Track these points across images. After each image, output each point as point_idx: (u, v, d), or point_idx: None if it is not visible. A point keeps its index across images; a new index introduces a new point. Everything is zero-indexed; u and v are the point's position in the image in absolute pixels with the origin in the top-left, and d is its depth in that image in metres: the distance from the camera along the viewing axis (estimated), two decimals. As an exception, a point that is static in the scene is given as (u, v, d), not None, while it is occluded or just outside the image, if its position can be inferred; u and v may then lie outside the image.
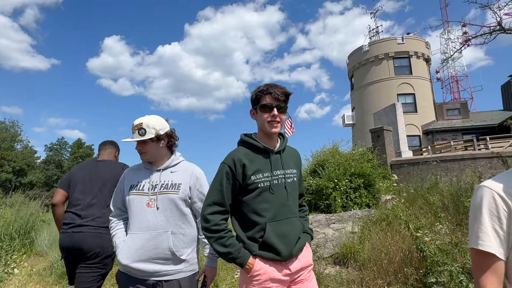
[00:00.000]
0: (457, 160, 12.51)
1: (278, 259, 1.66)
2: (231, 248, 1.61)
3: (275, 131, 1.74)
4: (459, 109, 25.83)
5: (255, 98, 1.77)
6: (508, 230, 1.03)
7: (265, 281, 1.64)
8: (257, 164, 1.70)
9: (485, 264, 1.03)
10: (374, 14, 30.65)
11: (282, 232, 1.67)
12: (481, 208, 1.06)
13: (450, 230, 3.96)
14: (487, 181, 1.12)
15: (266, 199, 1.68)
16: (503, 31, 4.91)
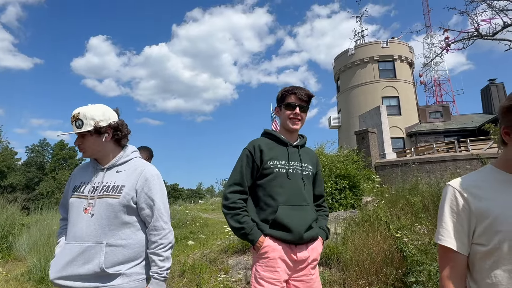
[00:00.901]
0: (439, 162, 12.81)
1: (289, 239, 1.72)
2: (245, 225, 1.73)
3: (296, 128, 1.90)
4: (441, 112, 26.48)
5: (281, 96, 1.94)
6: (468, 226, 1.07)
7: (273, 259, 1.71)
8: (275, 152, 1.86)
9: (446, 257, 1.10)
10: (360, 18, 31.15)
11: (294, 215, 1.75)
12: (444, 205, 1.13)
13: (429, 230, 4.04)
14: (454, 180, 1.17)
15: (281, 184, 1.79)
16: (480, 36, 5.07)
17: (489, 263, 1.04)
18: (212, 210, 17.47)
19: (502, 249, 1.01)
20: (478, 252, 1.06)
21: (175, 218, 10.83)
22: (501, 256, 1.02)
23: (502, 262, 1.02)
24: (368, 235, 3.98)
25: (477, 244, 1.07)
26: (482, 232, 1.05)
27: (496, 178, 1.11)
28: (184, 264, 4.95)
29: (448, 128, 24.33)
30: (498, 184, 1.09)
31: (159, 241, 1.55)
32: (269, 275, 1.71)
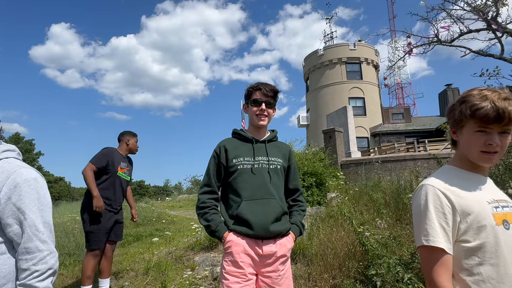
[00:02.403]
0: (399, 161, 13.46)
1: (251, 234, 1.75)
2: (211, 222, 1.80)
3: (262, 124, 1.93)
4: (403, 113, 27.83)
5: (247, 94, 1.98)
6: (453, 225, 1.08)
7: (236, 254, 1.74)
8: (240, 150, 1.90)
9: (436, 259, 1.06)
10: (329, 20, 31.90)
11: (257, 210, 1.77)
12: (428, 205, 1.10)
13: (390, 225, 4.24)
14: (429, 179, 1.17)
15: (246, 179, 1.83)
16: (439, 42, 5.38)
17: (476, 260, 1.05)
18: (180, 207, 17.16)
19: (488, 244, 1.05)
20: (464, 249, 1.07)
21: (141, 216, 10.52)
22: (487, 251, 1.05)
23: (489, 256, 1.04)
24: (333, 230, 4.09)
25: (462, 241, 1.08)
26: (466, 229, 1.07)
27: (461, 176, 1.16)
28: (149, 262, 4.82)
29: (409, 129, 25.63)
30: (466, 182, 1.14)
31: (32, 268, 1.13)
32: (233, 269, 1.73)
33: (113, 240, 3.72)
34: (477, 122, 1.08)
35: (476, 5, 5.08)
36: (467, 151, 1.15)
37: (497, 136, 1.08)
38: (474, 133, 1.10)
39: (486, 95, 1.08)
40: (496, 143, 1.07)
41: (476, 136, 1.09)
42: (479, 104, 1.07)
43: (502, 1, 5.06)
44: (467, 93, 1.15)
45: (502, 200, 1.15)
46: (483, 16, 4.99)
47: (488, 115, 1.05)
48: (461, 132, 1.16)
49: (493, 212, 1.09)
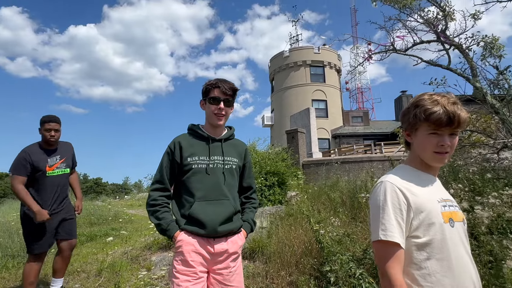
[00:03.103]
0: (357, 162, 14.08)
1: (202, 233, 1.75)
2: (162, 221, 1.77)
3: (219, 123, 1.90)
4: (362, 117, 29.11)
5: (205, 90, 1.92)
6: (407, 221, 1.13)
7: (187, 253, 1.73)
8: (195, 148, 1.86)
9: (391, 253, 1.10)
10: (295, 22, 32.53)
11: (209, 210, 1.77)
12: (386, 201, 1.14)
13: (345, 223, 4.41)
14: (388, 176, 1.22)
15: (200, 179, 1.81)
16: (394, 51, 5.70)
17: (424, 255, 1.12)
18: (139, 206, 16.59)
19: (435, 240, 1.12)
20: (414, 244, 1.13)
21: (96, 215, 10.02)
22: (434, 246, 1.11)
23: (436, 251, 1.11)
24: (291, 229, 4.18)
25: (413, 237, 1.13)
26: (418, 225, 1.13)
27: (415, 175, 1.23)
28: (102, 262, 4.61)
29: (367, 132, 26.87)
30: (419, 181, 1.21)
31: None
32: (183, 268, 1.73)
33: (64, 238, 3.39)
34: (431, 125, 1.16)
35: (428, 18, 5.45)
36: (421, 152, 1.22)
37: (447, 137, 1.17)
38: (427, 135, 1.18)
39: (436, 99, 1.17)
40: (447, 144, 1.16)
41: (429, 138, 1.17)
42: (432, 108, 1.15)
43: (451, 16, 5.47)
44: (419, 97, 1.23)
45: (449, 199, 1.24)
46: (434, 28, 5.37)
47: (440, 119, 1.13)
48: (415, 135, 1.23)
49: (442, 210, 1.17)
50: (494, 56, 5.18)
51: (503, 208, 3.03)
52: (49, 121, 3.30)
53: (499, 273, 2.62)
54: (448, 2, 5.42)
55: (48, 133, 3.29)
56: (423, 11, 5.58)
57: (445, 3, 5.40)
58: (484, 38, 5.22)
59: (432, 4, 5.47)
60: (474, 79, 5.05)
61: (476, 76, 5.07)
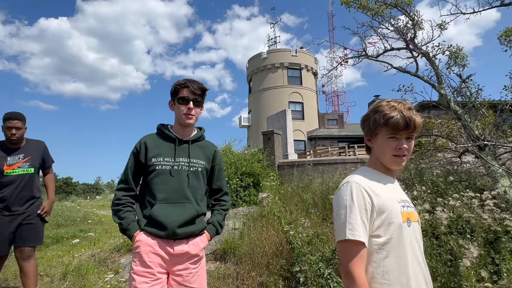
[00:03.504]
0: (331, 164, 14.37)
1: (162, 235, 1.73)
2: (124, 220, 1.77)
3: (189, 122, 1.88)
4: (337, 119, 29.75)
5: (174, 90, 1.90)
6: (370, 220, 1.17)
7: (145, 254, 1.71)
8: (160, 149, 1.84)
9: (356, 251, 1.13)
10: (274, 25, 32.78)
11: (170, 212, 1.75)
12: (353, 201, 1.17)
13: (317, 223, 4.50)
14: (354, 177, 1.26)
15: (164, 181, 1.80)
16: (366, 56, 5.89)
17: (384, 253, 1.16)
18: (110, 207, 16.11)
19: (394, 239, 1.16)
20: (375, 243, 1.16)
21: (63, 216, 9.64)
22: (393, 245, 1.16)
23: (393, 250, 1.15)
24: (263, 230, 4.21)
25: (374, 236, 1.17)
26: (379, 225, 1.17)
27: (378, 177, 1.28)
28: (68, 266, 4.44)
29: (342, 135, 27.49)
30: (382, 183, 1.26)
31: None
32: (141, 269, 1.71)
33: (18, 245, 3.13)
34: (389, 130, 1.22)
35: (398, 26, 5.67)
36: (381, 155, 1.28)
37: (405, 141, 1.23)
38: (386, 140, 1.24)
39: (394, 105, 1.24)
40: (404, 147, 1.22)
41: (388, 142, 1.24)
42: (390, 113, 1.21)
43: (419, 25, 5.72)
44: (377, 104, 1.29)
45: (406, 200, 1.30)
46: (403, 36, 5.59)
47: (398, 123, 1.20)
48: (375, 139, 1.29)
49: (402, 210, 1.22)
50: (458, 65, 5.47)
51: (463, 209, 3.19)
52: (9, 118, 3.13)
53: (456, 271, 2.76)
54: (417, 12, 5.67)
55: (9, 131, 3.12)
56: (394, 20, 5.80)
57: (414, 13, 5.64)
58: (449, 47, 5.50)
59: (402, 13, 5.69)
60: (439, 86, 5.31)
61: (441, 83, 5.33)
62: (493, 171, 4.38)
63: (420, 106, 6.80)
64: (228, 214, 6.22)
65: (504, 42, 5.12)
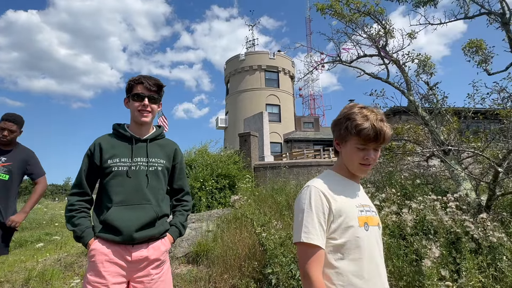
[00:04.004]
0: (306, 166, 14.58)
1: (118, 241, 1.65)
2: (77, 227, 1.68)
3: (145, 120, 1.81)
4: (313, 123, 30.25)
5: (128, 87, 1.83)
6: (327, 223, 1.21)
7: (100, 263, 1.63)
8: (116, 150, 1.76)
9: (312, 254, 1.16)
10: (252, 27, 32.93)
11: (127, 216, 1.66)
12: (310, 204, 1.20)
13: (289, 225, 4.54)
14: (314, 181, 1.30)
15: (120, 183, 1.71)
16: (340, 62, 6.04)
17: (339, 255, 1.19)
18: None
19: (350, 242, 1.20)
20: (331, 245, 1.20)
21: (28, 218, 9.18)
22: (348, 248, 1.19)
23: (349, 252, 1.19)
24: (236, 232, 4.21)
25: (330, 238, 1.20)
26: (335, 228, 1.20)
27: (339, 182, 1.32)
28: (31, 271, 4.23)
29: (317, 137, 27.98)
30: (343, 187, 1.30)
31: None
32: (94, 279, 1.62)
33: None
34: (360, 140, 1.24)
35: (370, 34, 5.86)
36: (348, 162, 1.32)
37: (372, 152, 1.27)
38: (355, 149, 1.27)
39: (366, 115, 1.25)
40: (372, 158, 1.26)
41: (357, 151, 1.27)
42: (362, 124, 1.23)
43: (391, 33, 5.94)
44: (350, 110, 1.30)
45: (367, 205, 1.34)
46: (375, 44, 5.78)
47: (369, 135, 1.22)
48: (344, 146, 1.32)
49: (359, 215, 1.26)
50: (426, 73, 5.72)
51: (426, 211, 3.34)
52: (6, 119, 3.04)
53: (420, 270, 2.88)
54: (389, 20, 5.89)
55: (0, 132, 3.01)
56: (367, 27, 5.99)
57: (386, 21, 5.85)
58: (418, 56, 5.75)
59: (375, 21, 5.89)
60: (408, 92, 5.53)
61: (410, 90, 5.56)
62: (456, 175, 4.61)
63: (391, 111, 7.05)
64: (204, 216, 6.16)
65: (467, 53, 5.41)
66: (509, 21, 5.10)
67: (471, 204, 4.03)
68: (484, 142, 4.64)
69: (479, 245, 3.02)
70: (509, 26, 5.10)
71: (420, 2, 6.01)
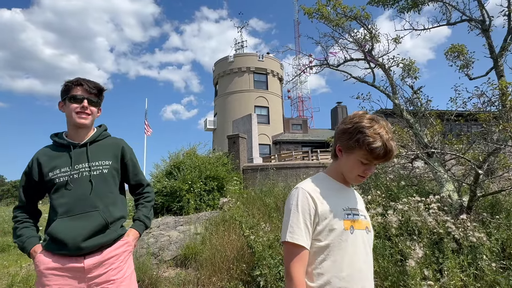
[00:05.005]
0: (294, 168, 14.68)
1: (65, 252, 1.58)
2: (18, 239, 1.66)
3: (83, 122, 1.72)
4: (301, 125, 30.46)
5: (65, 89, 1.74)
6: (312, 225, 1.24)
7: (44, 276, 1.57)
8: (56, 161, 1.70)
9: (296, 253, 1.20)
10: (241, 29, 32.99)
11: (70, 226, 1.59)
12: (297, 205, 1.24)
13: (278, 227, 4.58)
14: (303, 183, 1.33)
15: (63, 194, 1.66)
16: (327, 65, 6.13)
17: (322, 256, 1.22)
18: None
19: (334, 243, 1.23)
20: (315, 246, 1.23)
21: (10, 222, 8.96)
22: (331, 250, 1.23)
23: (332, 254, 1.22)
24: (225, 235, 4.21)
25: (315, 240, 1.24)
26: (321, 230, 1.23)
27: (330, 185, 1.35)
28: (14, 276, 4.14)
29: (305, 139, 28.18)
30: (332, 191, 1.32)
31: None
32: None
33: None
34: (368, 157, 1.25)
35: (357, 38, 5.97)
36: (347, 171, 1.34)
37: (373, 166, 1.30)
38: (359, 161, 1.28)
39: (379, 133, 1.24)
40: (372, 172, 1.32)
41: (360, 164, 1.29)
42: (375, 142, 1.23)
43: (376, 38, 6.07)
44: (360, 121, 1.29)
45: (356, 209, 1.37)
46: (362, 48, 5.90)
47: (379, 154, 1.24)
48: (348, 155, 1.32)
49: (345, 218, 1.29)
50: (411, 76, 5.86)
51: (411, 212, 3.43)
52: None
53: (404, 270, 2.96)
54: (375, 25, 6.02)
55: None
56: (353, 32, 6.10)
57: (372, 26, 5.98)
58: (403, 60, 5.89)
59: (361, 26, 6.01)
60: (393, 96, 5.65)
61: (395, 93, 5.69)
62: (439, 176, 4.74)
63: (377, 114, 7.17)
64: (192, 219, 6.13)
65: (449, 57, 5.58)
66: (489, 28, 5.28)
67: (453, 205, 4.15)
68: (465, 145, 4.79)
69: (460, 245, 3.12)
70: (488, 32, 5.28)
71: (405, 8, 6.17)
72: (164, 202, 11.09)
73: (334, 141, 1.40)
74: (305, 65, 7.08)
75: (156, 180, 12.16)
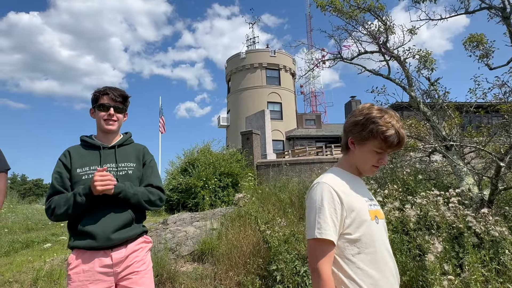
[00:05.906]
0: (308, 163, 14.62)
1: (95, 245, 1.66)
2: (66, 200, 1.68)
3: (110, 128, 1.87)
4: (315, 120, 30.22)
5: (94, 98, 1.89)
6: (341, 219, 1.23)
7: (76, 275, 1.65)
8: (85, 159, 1.81)
9: (324, 250, 1.19)
10: (252, 25, 32.88)
11: (101, 220, 1.69)
12: (323, 201, 1.23)
13: (293, 222, 4.58)
14: (324, 178, 1.31)
15: None
16: (341, 59, 6.05)
17: (356, 250, 1.22)
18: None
19: (365, 236, 1.23)
20: (346, 241, 1.22)
21: (34, 219, 9.27)
22: (364, 242, 1.22)
23: (365, 246, 1.22)
24: (241, 230, 4.25)
25: (345, 234, 1.23)
26: (350, 223, 1.23)
27: (348, 178, 1.34)
28: (39, 271, 4.29)
29: (319, 134, 27.97)
30: (351, 183, 1.32)
31: None
32: None
33: None
34: (382, 145, 1.27)
35: (371, 30, 5.86)
36: (361, 163, 1.34)
37: (387, 155, 1.31)
38: (373, 151, 1.29)
39: (390, 122, 1.27)
40: (386, 162, 1.31)
41: (374, 154, 1.29)
42: (388, 131, 1.25)
43: (391, 29, 5.93)
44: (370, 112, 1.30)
45: (372, 199, 1.38)
46: (376, 40, 5.79)
47: (393, 142, 1.26)
48: (361, 147, 1.32)
49: (370, 209, 1.30)
50: (427, 68, 5.72)
51: (429, 207, 3.37)
52: None
53: (423, 265, 2.92)
54: (389, 16, 5.88)
55: None
56: (367, 24, 5.99)
57: (387, 17, 5.85)
58: (419, 52, 5.75)
59: (375, 17, 5.89)
60: (410, 88, 5.53)
61: (411, 86, 5.56)
62: (458, 170, 4.63)
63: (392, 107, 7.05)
64: (208, 215, 6.20)
65: (468, 47, 5.41)
66: (510, 15, 5.09)
67: (473, 199, 4.06)
68: (486, 137, 4.66)
69: (481, 239, 3.04)
70: (509, 20, 5.09)
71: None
72: (180, 198, 11.27)
73: (345, 135, 1.39)
74: (318, 59, 7.00)
75: (171, 177, 12.36)
